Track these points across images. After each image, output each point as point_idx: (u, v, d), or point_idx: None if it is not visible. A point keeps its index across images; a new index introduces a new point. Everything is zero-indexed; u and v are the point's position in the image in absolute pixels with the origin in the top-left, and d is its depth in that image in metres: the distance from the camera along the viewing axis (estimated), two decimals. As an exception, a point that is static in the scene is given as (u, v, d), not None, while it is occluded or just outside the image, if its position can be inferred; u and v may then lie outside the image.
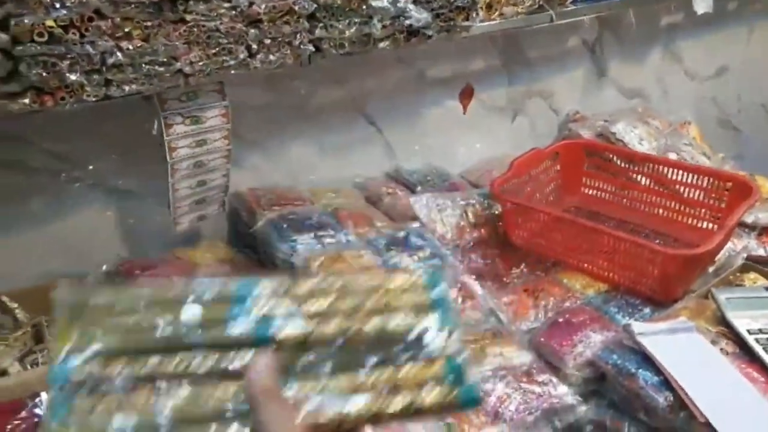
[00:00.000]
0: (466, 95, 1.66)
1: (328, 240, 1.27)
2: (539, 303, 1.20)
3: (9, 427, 0.86)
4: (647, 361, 1.01)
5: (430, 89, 1.60)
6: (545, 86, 1.81)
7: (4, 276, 1.11)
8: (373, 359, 0.43)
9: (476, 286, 1.22)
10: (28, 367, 1.03)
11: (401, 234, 1.30)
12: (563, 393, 1.02)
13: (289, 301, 0.44)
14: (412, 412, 0.42)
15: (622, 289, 1.22)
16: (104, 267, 1.15)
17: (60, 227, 1.18)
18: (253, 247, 1.33)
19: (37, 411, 0.89)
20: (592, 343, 1.08)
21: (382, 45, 1.13)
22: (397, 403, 0.42)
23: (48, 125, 1.09)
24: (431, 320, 0.45)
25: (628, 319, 1.14)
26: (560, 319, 1.14)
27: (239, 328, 0.42)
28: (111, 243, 1.23)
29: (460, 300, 1.16)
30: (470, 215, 1.41)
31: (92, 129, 1.15)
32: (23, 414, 0.88)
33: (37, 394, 0.91)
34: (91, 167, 1.18)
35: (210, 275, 1.21)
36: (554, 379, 1.04)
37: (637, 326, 1.05)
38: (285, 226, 1.27)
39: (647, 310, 1.17)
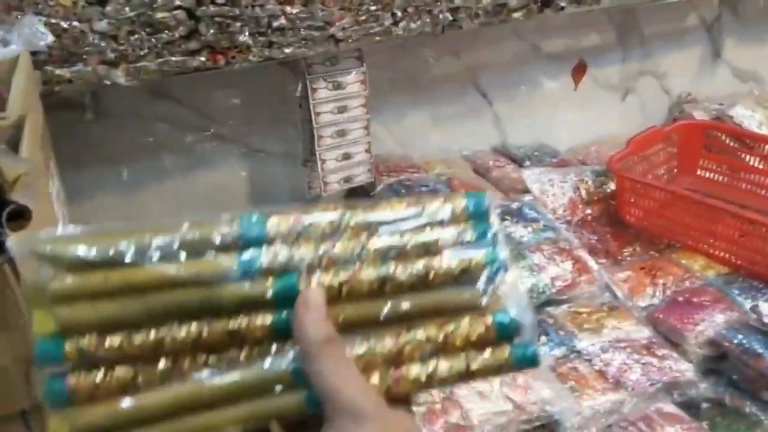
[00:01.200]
0: (579, 71, 1.65)
1: (444, 207, 1.31)
2: (657, 281, 1.20)
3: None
4: (775, 343, 1.00)
5: (543, 63, 1.60)
6: (658, 65, 1.77)
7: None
8: (415, 312, 0.37)
9: (591, 261, 1.23)
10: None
11: (515, 205, 1.33)
12: (684, 368, 1.02)
13: (312, 243, 0.36)
14: (463, 375, 0.37)
15: (743, 272, 1.20)
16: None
17: (199, 181, 1.27)
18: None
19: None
20: (714, 322, 1.08)
21: (515, 15, 1.15)
22: (445, 368, 0.37)
23: (194, 84, 1.17)
24: (479, 258, 0.38)
25: (751, 301, 1.13)
26: (680, 298, 1.14)
27: (248, 284, 0.35)
28: (244, 199, 1.32)
29: (576, 274, 1.18)
30: (582, 192, 1.42)
31: (233, 90, 1.23)
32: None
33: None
34: (231, 124, 1.25)
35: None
36: (674, 354, 1.05)
37: (766, 307, 1.04)
38: (403, 191, 1.32)
39: (771, 295, 1.15)
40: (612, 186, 1.41)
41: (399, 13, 1.02)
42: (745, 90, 1.86)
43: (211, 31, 0.88)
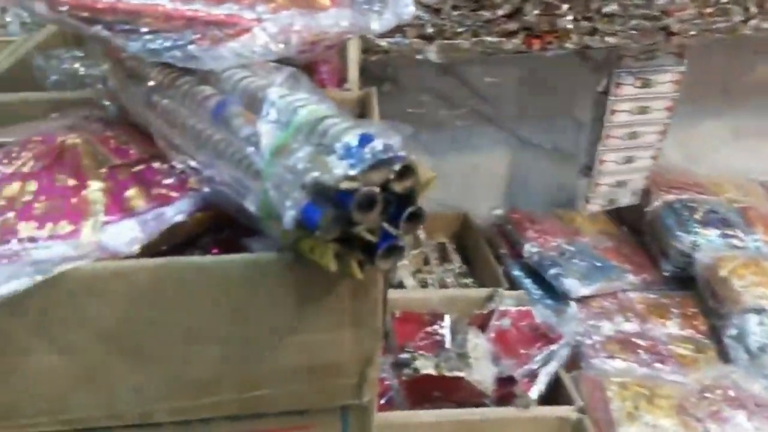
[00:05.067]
0: None
1: (736, 242, 1.10)
2: None
3: (419, 335, 0.93)
4: None
5: None
6: None
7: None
8: None
9: None
10: (417, 283, 1.10)
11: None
12: None
13: None
14: None
15: None
16: (497, 211, 1.16)
17: (461, 161, 1.22)
18: (634, 225, 1.23)
19: (440, 331, 0.94)
20: None
21: None
22: None
23: (479, 65, 1.11)
24: None
25: None
26: None
27: None
28: (500, 186, 1.25)
29: None
30: None
31: (513, 74, 1.15)
32: (428, 329, 0.94)
33: (441, 317, 0.96)
34: (503, 108, 1.18)
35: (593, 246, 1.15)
36: None
37: None
38: (686, 213, 1.14)
39: None
40: None
41: (753, 9, 0.84)
42: None
43: (536, 12, 0.79)
